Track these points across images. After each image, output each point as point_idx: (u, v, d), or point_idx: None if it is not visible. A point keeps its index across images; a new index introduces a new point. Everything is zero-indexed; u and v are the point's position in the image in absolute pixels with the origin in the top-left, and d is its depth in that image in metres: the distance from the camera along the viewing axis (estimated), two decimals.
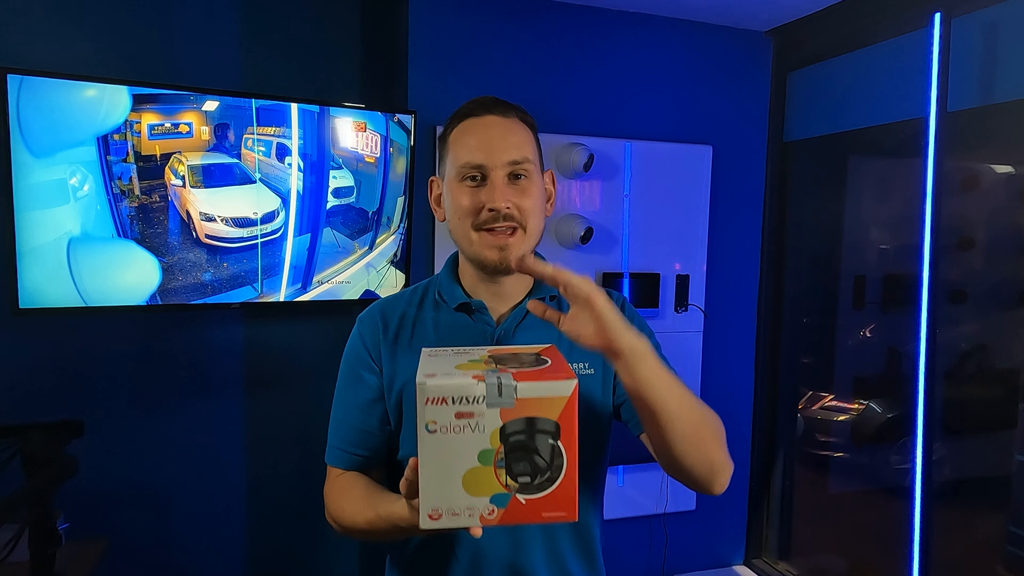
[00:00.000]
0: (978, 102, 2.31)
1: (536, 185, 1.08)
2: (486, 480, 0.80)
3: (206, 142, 2.20)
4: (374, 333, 1.13)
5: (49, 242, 2.05)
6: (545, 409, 0.80)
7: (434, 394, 0.79)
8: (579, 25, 2.70)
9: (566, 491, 0.81)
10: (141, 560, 2.45)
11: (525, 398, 0.79)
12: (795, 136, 3.03)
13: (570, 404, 0.80)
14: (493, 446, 0.80)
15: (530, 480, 0.80)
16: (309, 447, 2.56)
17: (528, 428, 0.80)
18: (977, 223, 2.53)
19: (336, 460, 1.14)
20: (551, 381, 0.80)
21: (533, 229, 1.08)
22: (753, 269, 3.07)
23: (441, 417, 0.79)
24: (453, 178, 1.08)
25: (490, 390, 0.79)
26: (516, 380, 0.80)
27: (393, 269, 2.53)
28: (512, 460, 0.80)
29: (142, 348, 2.43)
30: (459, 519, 0.81)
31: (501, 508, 0.81)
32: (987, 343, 2.52)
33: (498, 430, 0.79)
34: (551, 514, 0.81)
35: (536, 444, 0.80)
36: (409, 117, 2.45)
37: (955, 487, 2.53)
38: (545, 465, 0.80)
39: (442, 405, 0.79)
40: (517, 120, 1.10)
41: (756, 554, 3.16)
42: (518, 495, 0.80)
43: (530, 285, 1.15)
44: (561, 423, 0.80)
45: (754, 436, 3.12)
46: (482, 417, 0.79)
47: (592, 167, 2.59)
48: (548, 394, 0.80)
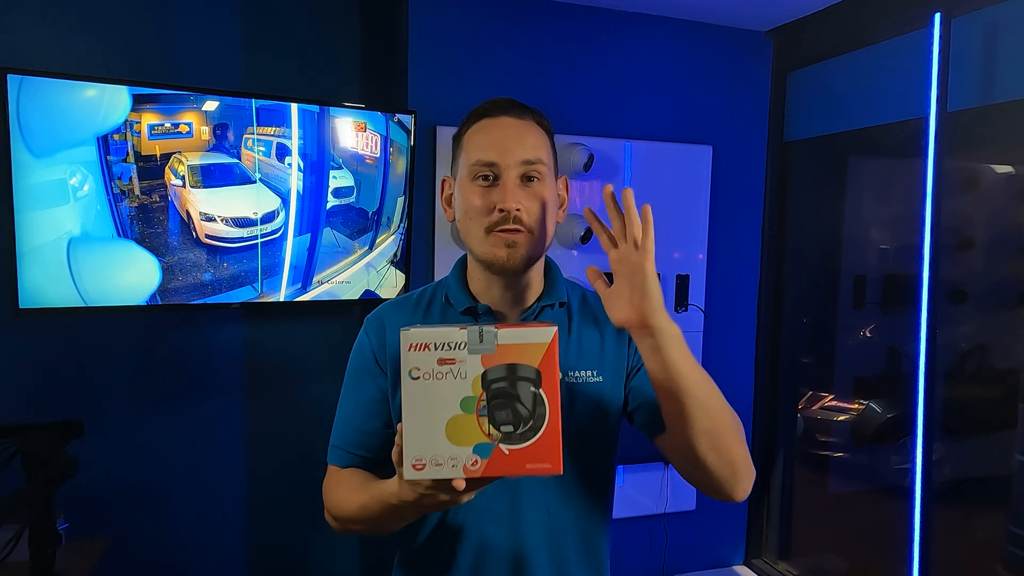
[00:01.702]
0: (978, 102, 2.31)
1: (549, 188, 1.06)
2: (469, 429, 0.81)
3: (206, 142, 2.20)
4: (380, 335, 1.12)
5: (49, 242, 2.05)
6: (526, 356, 0.81)
7: (417, 339, 0.81)
8: (579, 25, 2.70)
9: (549, 441, 0.82)
10: (141, 560, 2.45)
11: (506, 344, 0.81)
12: (795, 136, 3.04)
13: (550, 351, 0.82)
14: (475, 393, 0.81)
15: (513, 429, 0.81)
16: (309, 447, 2.56)
17: (509, 374, 0.81)
18: (977, 223, 2.53)
19: (337, 459, 1.14)
20: (531, 328, 0.83)
21: (542, 234, 1.06)
22: (753, 269, 3.07)
23: (424, 363, 0.81)
24: (465, 177, 1.06)
25: (471, 336, 0.81)
26: (497, 328, 0.82)
27: (393, 269, 2.53)
28: (494, 408, 0.81)
29: (142, 348, 2.43)
30: (442, 469, 0.81)
31: (484, 459, 0.81)
32: (987, 343, 2.52)
33: (480, 377, 0.81)
34: (535, 466, 0.82)
35: (518, 391, 0.81)
36: (409, 117, 2.45)
37: (955, 487, 2.53)
38: (528, 413, 0.81)
39: (424, 351, 0.81)
40: (533, 123, 1.08)
41: (756, 554, 3.16)
42: (501, 445, 0.81)
43: (539, 290, 1.13)
44: (542, 370, 0.82)
45: (754, 436, 3.12)
46: (464, 364, 0.81)
47: (592, 167, 2.59)
48: (528, 340, 0.82)
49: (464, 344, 0.81)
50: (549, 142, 1.10)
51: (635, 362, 1.11)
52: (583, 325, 1.12)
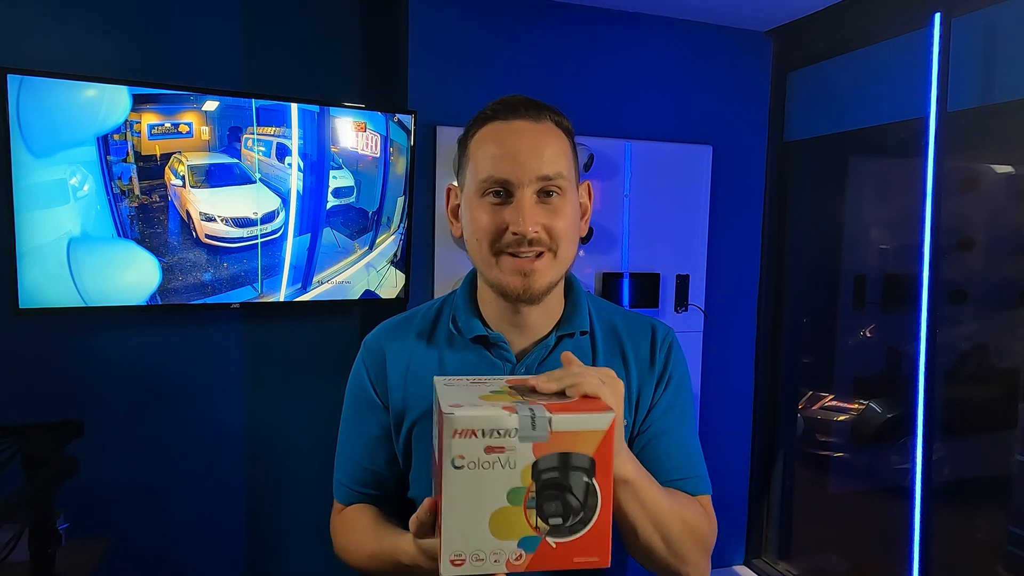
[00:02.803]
0: (978, 102, 2.31)
1: (570, 203, 0.93)
2: (515, 521, 0.74)
3: (206, 142, 2.20)
4: (379, 367, 1.02)
5: (49, 242, 2.05)
6: (581, 444, 0.74)
7: (463, 426, 0.72)
8: (579, 25, 2.70)
9: (600, 533, 0.75)
10: (141, 560, 2.45)
11: (560, 431, 0.73)
12: (795, 136, 3.04)
13: (607, 439, 0.74)
14: (524, 484, 0.74)
15: (562, 522, 0.74)
16: (309, 447, 2.56)
17: (562, 464, 0.74)
18: (977, 223, 2.53)
19: (344, 498, 1.07)
20: (588, 413, 0.75)
21: (564, 255, 0.94)
22: (753, 269, 3.07)
23: (470, 451, 0.73)
24: (473, 192, 0.93)
25: (523, 422, 0.73)
26: (550, 412, 0.73)
27: (393, 269, 2.53)
28: (544, 499, 0.74)
29: (142, 348, 2.43)
30: (484, 565, 0.74)
31: (529, 552, 0.74)
32: (987, 343, 2.52)
33: (530, 466, 0.73)
34: (583, 559, 0.75)
35: (570, 482, 0.74)
36: (409, 117, 2.45)
37: (955, 487, 2.53)
38: (579, 505, 0.74)
39: (471, 438, 0.73)
40: (551, 125, 0.94)
41: (756, 554, 3.16)
42: (548, 538, 0.74)
43: (557, 317, 1.01)
44: (597, 459, 0.74)
45: (754, 436, 3.12)
46: (513, 452, 0.73)
47: (592, 167, 2.59)
48: (584, 427, 0.74)
49: (515, 432, 0.73)
50: (570, 146, 0.96)
51: (655, 403, 1.01)
52: (610, 359, 1.00)
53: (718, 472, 3.40)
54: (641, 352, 1.02)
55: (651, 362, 1.01)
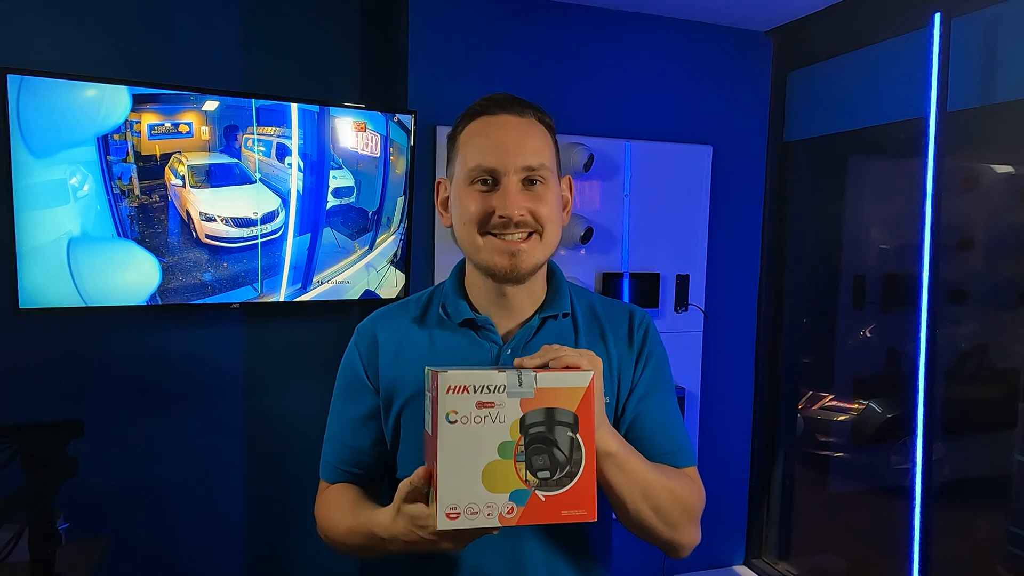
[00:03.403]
0: (978, 102, 2.31)
1: (552, 192, 1.00)
2: (506, 475, 0.79)
3: (206, 142, 2.20)
4: (371, 350, 1.07)
5: (49, 242, 2.05)
6: (564, 400, 0.80)
7: (456, 382, 0.78)
8: (579, 25, 2.70)
9: (585, 488, 0.81)
10: (141, 560, 2.45)
11: (545, 387, 0.80)
12: (795, 136, 3.03)
13: (588, 395, 0.81)
14: (513, 438, 0.79)
15: (549, 475, 0.80)
16: (309, 447, 2.56)
17: (548, 419, 0.80)
18: (977, 223, 2.53)
19: (329, 476, 1.12)
20: (569, 372, 0.82)
21: (550, 238, 1.00)
22: (753, 269, 3.07)
23: (462, 407, 0.78)
24: (462, 181, 1.00)
25: (510, 379, 0.79)
26: (536, 371, 0.81)
27: (393, 269, 2.53)
28: (532, 452, 0.80)
29: (142, 348, 2.43)
30: (478, 518, 0.79)
31: (520, 506, 0.79)
32: (987, 343, 2.52)
33: (518, 421, 0.79)
34: (570, 512, 0.81)
35: (556, 436, 0.80)
36: (409, 117, 2.45)
37: (955, 487, 2.53)
38: (565, 459, 0.80)
39: (463, 394, 0.78)
40: (534, 121, 1.01)
41: (756, 554, 3.16)
42: (538, 491, 0.80)
43: (541, 299, 1.07)
44: (579, 415, 0.81)
45: (754, 436, 3.12)
46: (503, 407, 0.79)
47: (592, 167, 2.59)
48: (567, 384, 0.81)
49: (504, 387, 0.79)
50: (552, 141, 1.03)
51: (636, 392, 1.06)
52: (591, 341, 1.06)
53: (718, 472, 3.42)
54: (620, 333, 1.08)
55: (630, 342, 1.07)
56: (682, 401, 2.88)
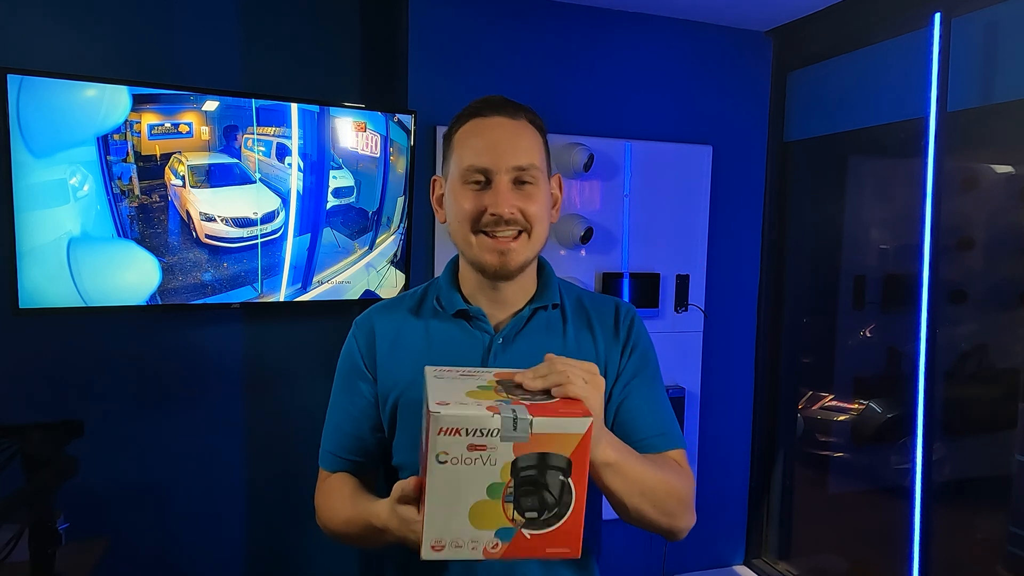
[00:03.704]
0: (978, 102, 2.31)
1: (542, 191, 1.05)
2: (492, 513, 0.79)
3: (206, 142, 2.20)
4: (369, 341, 1.11)
5: (49, 242, 2.05)
6: (558, 445, 0.79)
7: (448, 424, 0.77)
8: (579, 25, 2.70)
9: (572, 527, 0.81)
10: (141, 560, 2.45)
11: (540, 433, 0.78)
12: (795, 136, 3.04)
13: (584, 442, 0.79)
14: (503, 480, 0.79)
15: (537, 516, 0.80)
16: (309, 447, 2.56)
17: (540, 463, 0.79)
18: (977, 223, 2.53)
19: (328, 464, 1.14)
20: (567, 417, 0.79)
21: (538, 235, 1.05)
22: (753, 269, 3.07)
23: (453, 448, 0.78)
24: (456, 180, 1.04)
25: (505, 423, 0.77)
26: (532, 415, 0.78)
27: (393, 269, 2.53)
28: (521, 494, 0.79)
29: (142, 348, 2.43)
30: (462, 551, 0.80)
31: (505, 542, 0.80)
32: (987, 343, 2.52)
33: (510, 464, 0.78)
34: (555, 550, 0.81)
35: (547, 480, 0.79)
36: (409, 117, 2.45)
37: (955, 487, 2.53)
38: (554, 501, 0.80)
39: (455, 436, 0.77)
40: (526, 122, 1.06)
41: (756, 554, 3.16)
42: (523, 530, 0.80)
43: (531, 292, 1.12)
44: (573, 460, 0.79)
45: (754, 436, 3.12)
46: (495, 450, 0.78)
47: (592, 167, 2.58)
48: (563, 430, 0.78)
49: (497, 432, 0.78)
50: (542, 142, 1.08)
51: (622, 380, 1.09)
52: (578, 329, 1.11)
53: (718, 472, 3.42)
54: (606, 323, 1.12)
55: (616, 332, 1.12)
56: (682, 401, 2.88)
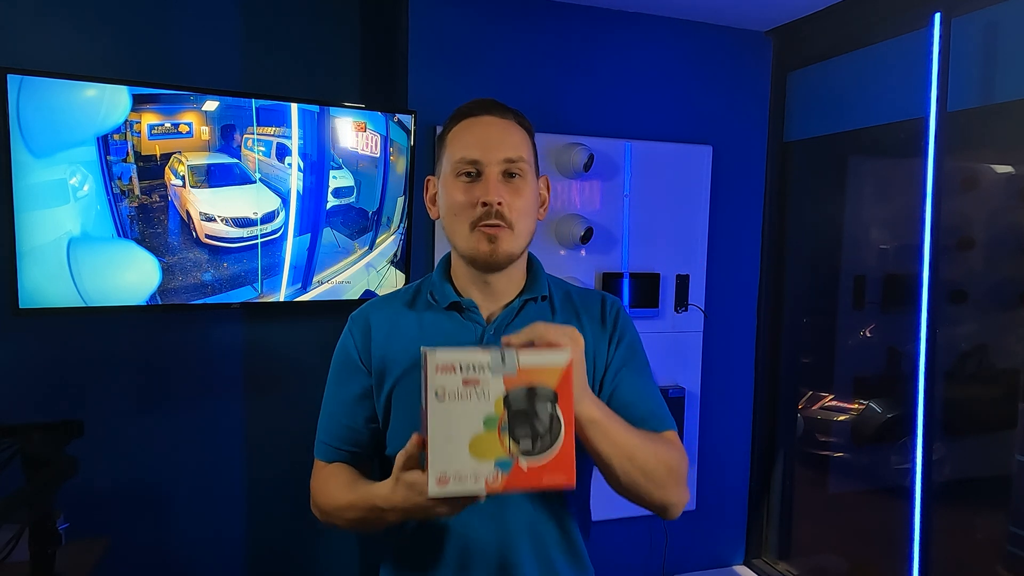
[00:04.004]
0: (978, 102, 2.31)
1: (530, 186, 1.10)
2: (491, 445, 0.86)
3: (206, 142, 2.20)
4: (364, 334, 1.15)
5: (49, 242, 2.05)
6: (544, 378, 0.87)
7: (443, 362, 0.85)
8: (579, 25, 2.70)
9: (564, 457, 0.87)
10: (141, 560, 2.45)
11: (526, 367, 0.86)
12: (795, 136, 3.04)
13: (566, 374, 0.87)
14: (497, 412, 0.86)
15: (531, 445, 0.86)
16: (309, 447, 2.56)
17: (529, 395, 0.86)
18: (977, 223, 2.53)
19: (324, 455, 1.18)
20: (549, 352, 0.88)
21: (522, 229, 1.09)
22: (753, 269, 3.07)
23: (449, 384, 0.85)
24: (449, 174, 1.09)
25: (494, 358, 0.86)
26: (518, 352, 0.87)
27: (393, 269, 2.53)
28: (515, 425, 0.86)
29: (142, 348, 2.43)
30: (465, 484, 0.85)
31: (505, 473, 0.86)
32: (987, 343, 2.52)
33: (502, 397, 0.86)
34: (551, 479, 0.87)
35: (537, 410, 0.86)
36: (409, 117, 2.45)
37: (955, 487, 2.53)
38: (545, 430, 0.87)
39: (450, 373, 0.85)
40: (514, 122, 1.11)
41: (756, 554, 3.16)
42: (520, 459, 0.86)
43: (521, 285, 1.16)
44: (559, 391, 0.87)
45: (754, 436, 3.12)
46: (487, 384, 0.86)
47: (592, 167, 2.58)
48: (547, 364, 0.87)
49: (487, 366, 0.86)
50: (530, 141, 1.13)
51: (612, 368, 1.13)
52: (566, 320, 1.15)
53: (718, 472, 3.41)
54: (593, 315, 1.17)
55: (603, 323, 1.17)
56: (682, 401, 2.88)
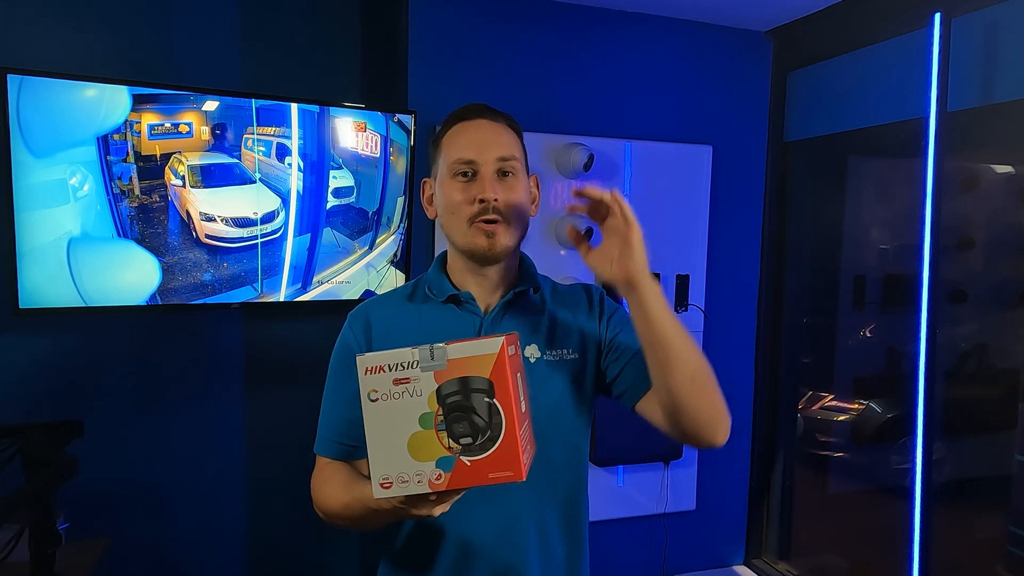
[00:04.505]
0: (978, 102, 2.31)
1: (522, 183, 1.15)
2: (430, 444, 0.83)
3: (206, 142, 2.20)
4: (365, 330, 1.18)
5: (49, 242, 2.05)
6: (477, 368, 0.83)
7: (371, 363, 0.84)
8: (579, 25, 2.69)
9: (509, 450, 0.83)
10: (141, 560, 2.45)
11: (456, 358, 0.83)
12: (795, 136, 3.03)
13: (500, 360, 0.83)
14: (431, 409, 0.83)
15: (472, 441, 0.83)
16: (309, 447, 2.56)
17: (462, 387, 0.83)
18: (977, 223, 2.53)
19: (324, 450, 1.20)
20: (479, 340, 0.85)
21: (518, 224, 1.14)
22: (753, 269, 3.07)
23: (381, 385, 0.84)
24: (445, 175, 1.14)
25: (422, 354, 0.84)
26: (447, 344, 0.84)
27: (393, 269, 2.53)
28: (451, 421, 0.83)
29: (142, 348, 2.43)
30: (408, 486, 0.84)
31: (447, 472, 0.83)
32: (987, 343, 2.52)
33: (434, 393, 0.83)
34: (497, 474, 0.83)
35: (472, 403, 0.83)
36: (409, 117, 2.45)
37: (955, 487, 2.53)
38: (484, 424, 0.83)
39: (380, 373, 0.84)
40: (505, 125, 1.17)
41: (756, 554, 3.16)
42: (462, 457, 0.83)
43: (515, 277, 1.20)
44: (494, 380, 0.83)
45: (754, 436, 3.12)
46: (418, 381, 0.83)
47: (592, 167, 2.58)
48: (477, 352, 0.83)
49: (416, 363, 0.83)
50: (520, 142, 1.19)
51: (608, 337, 1.18)
52: (557, 308, 1.21)
53: (718, 472, 3.40)
54: (581, 305, 1.23)
55: (590, 309, 1.22)
56: None
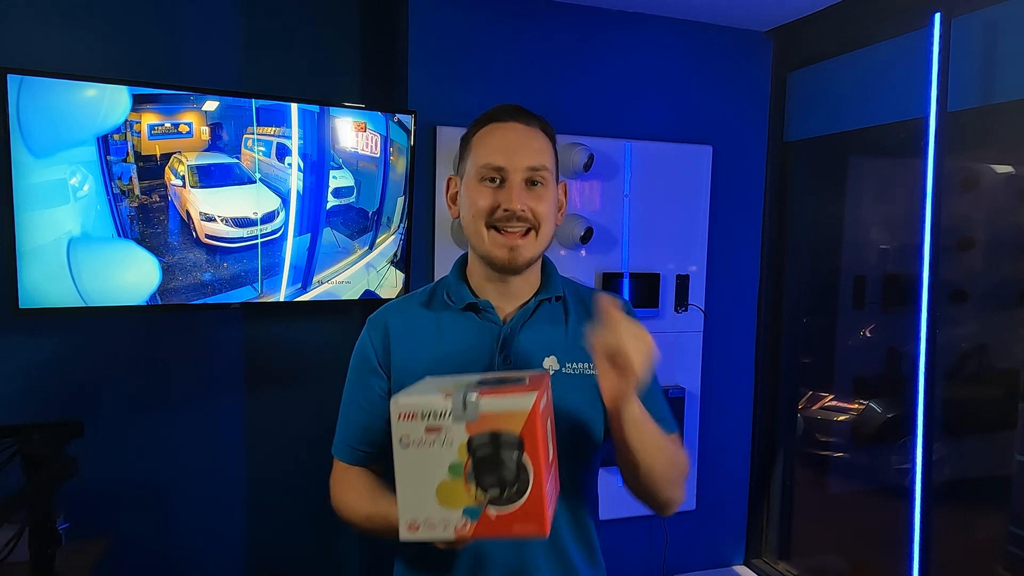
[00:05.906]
0: (978, 102, 2.31)
1: (551, 192, 1.13)
2: (458, 493, 0.84)
3: (206, 142, 2.20)
4: (383, 338, 1.17)
5: (49, 242, 2.05)
6: (508, 423, 0.83)
7: (405, 409, 0.84)
8: (579, 25, 2.69)
9: (535, 506, 0.84)
10: (141, 560, 2.45)
11: (487, 412, 0.83)
12: (795, 136, 3.04)
13: (532, 418, 0.83)
14: (461, 459, 0.84)
15: (499, 493, 0.84)
16: (309, 447, 2.56)
17: (493, 442, 0.84)
18: (977, 223, 2.53)
19: (342, 454, 1.20)
20: (512, 395, 0.84)
21: (545, 233, 1.12)
22: (753, 269, 3.07)
23: (412, 432, 0.84)
24: (472, 177, 1.12)
25: (455, 405, 0.84)
26: (480, 396, 0.84)
27: (393, 269, 2.53)
28: (480, 473, 0.84)
29: (142, 348, 2.43)
30: (435, 531, 0.85)
31: (473, 521, 0.84)
32: (987, 343, 2.52)
33: (465, 444, 0.84)
34: (522, 528, 0.84)
35: (502, 457, 0.84)
36: (409, 117, 2.45)
37: (955, 487, 2.53)
38: (512, 479, 0.84)
39: (412, 420, 0.84)
40: (539, 130, 1.14)
41: (756, 554, 3.16)
42: (488, 508, 0.84)
43: (536, 285, 1.19)
44: (525, 436, 0.83)
45: (754, 436, 3.12)
46: (449, 431, 0.84)
47: (592, 167, 2.59)
48: (509, 408, 0.83)
49: (448, 413, 0.83)
50: (552, 148, 1.16)
51: None
52: (579, 319, 1.18)
53: (718, 472, 3.41)
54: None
55: None
56: (682, 401, 2.88)
